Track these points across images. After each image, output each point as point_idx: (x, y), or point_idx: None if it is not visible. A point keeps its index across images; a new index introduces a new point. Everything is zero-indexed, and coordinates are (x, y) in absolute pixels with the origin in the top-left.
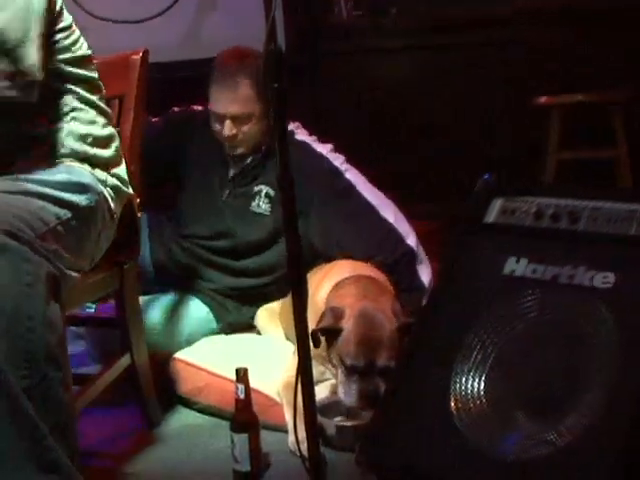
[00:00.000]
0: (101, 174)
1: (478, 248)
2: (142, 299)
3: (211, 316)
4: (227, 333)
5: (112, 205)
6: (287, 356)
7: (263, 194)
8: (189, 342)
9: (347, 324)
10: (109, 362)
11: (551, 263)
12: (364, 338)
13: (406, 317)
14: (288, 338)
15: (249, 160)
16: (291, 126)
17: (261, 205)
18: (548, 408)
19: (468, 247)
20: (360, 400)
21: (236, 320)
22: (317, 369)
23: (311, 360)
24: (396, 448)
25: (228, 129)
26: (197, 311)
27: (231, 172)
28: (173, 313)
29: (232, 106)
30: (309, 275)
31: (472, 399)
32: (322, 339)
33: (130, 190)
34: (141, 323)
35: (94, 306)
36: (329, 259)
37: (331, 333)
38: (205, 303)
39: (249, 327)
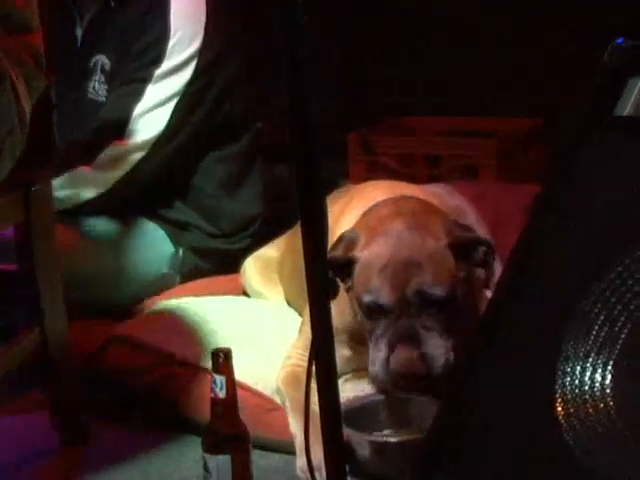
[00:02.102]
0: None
1: (605, 157)
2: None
3: (165, 236)
4: (196, 264)
5: (23, 99)
6: (291, 332)
7: (99, 68)
8: (136, 280)
9: (365, 251)
10: (6, 341)
11: None
12: (390, 261)
13: (466, 232)
14: (291, 303)
15: (93, 12)
16: None
17: (97, 88)
18: None
19: (588, 156)
20: (394, 362)
21: (202, 245)
22: (341, 353)
23: (332, 337)
24: (467, 476)
25: None
26: (146, 232)
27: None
28: (110, 243)
29: None
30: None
31: (592, 401)
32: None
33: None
34: (58, 277)
35: None
36: None
37: (342, 269)
38: (159, 225)
39: (227, 258)
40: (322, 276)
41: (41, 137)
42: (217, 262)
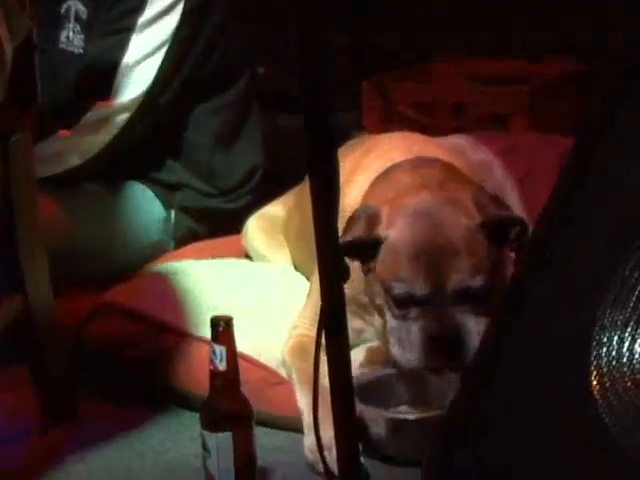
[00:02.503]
0: None
1: None
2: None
3: (155, 199)
4: (190, 228)
5: (4, 40)
6: (298, 298)
7: (72, 16)
8: (125, 250)
9: (390, 229)
10: None
11: None
12: (422, 245)
13: (499, 208)
14: (299, 266)
15: None
16: None
17: (71, 37)
18: None
19: (629, 105)
20: (426, 351)
21: (197, 206)
22: (351, 324)
23: (343, 305)
24: (493, 457)
25: None
26: (133, 196)
27: None
28: (93, 210)
29: None
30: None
31: (630, 374)
32: (352, 265)
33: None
34: (40, 239)
35: None
36: None
37: (365, 250)
38: (147, 187)
39: (225, 219)
40: (333, 242)
41: (22, 81)
42: (214, 224)
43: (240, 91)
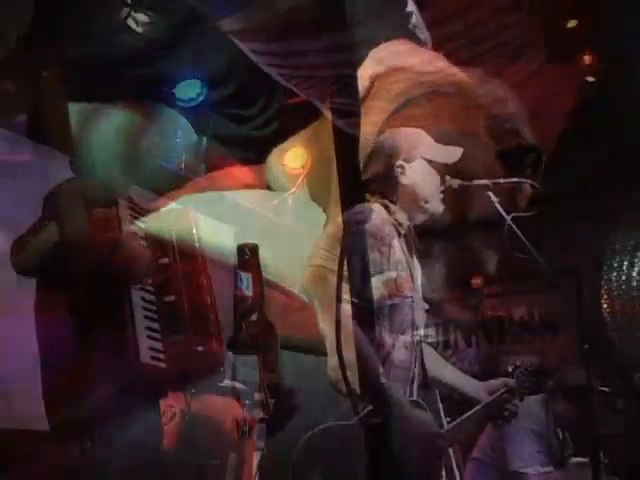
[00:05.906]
0: None
1: None
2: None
3: (189, 126)
4: (221, 154)
5: None
6: (317, 227)
7: None
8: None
9: (408, 165)
10: None
11: None
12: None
13: (513, 137)
14: (316, 198)
15: None
16: None
17: None
18: None
19: None
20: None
21: (227, 132)
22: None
23: (365, 239)
24: None
25: None
26: (166, 118)
27: None
28: (127, 130)
29: None
30: None
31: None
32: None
33: None
34: None
35: None
36: None
37: (384, 184)
38: (181, 114)
39: (256, 146)
40: (352, 160)
41: None
42: (244, 153)
43: None
